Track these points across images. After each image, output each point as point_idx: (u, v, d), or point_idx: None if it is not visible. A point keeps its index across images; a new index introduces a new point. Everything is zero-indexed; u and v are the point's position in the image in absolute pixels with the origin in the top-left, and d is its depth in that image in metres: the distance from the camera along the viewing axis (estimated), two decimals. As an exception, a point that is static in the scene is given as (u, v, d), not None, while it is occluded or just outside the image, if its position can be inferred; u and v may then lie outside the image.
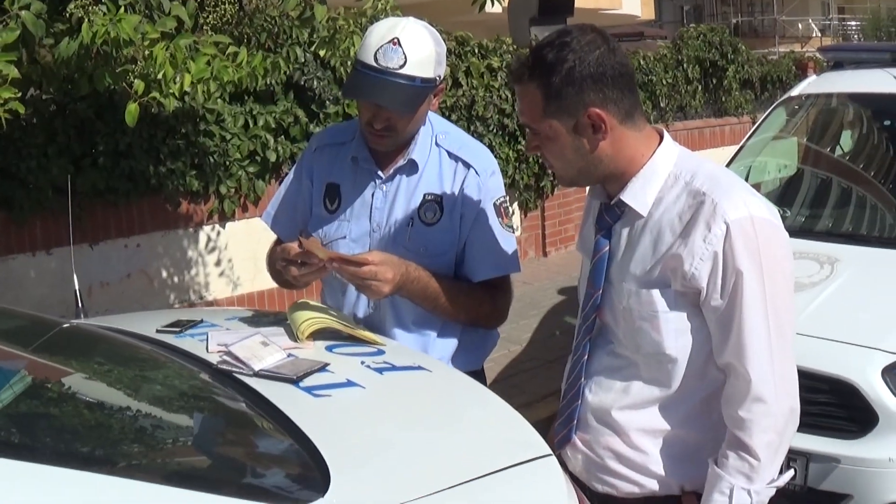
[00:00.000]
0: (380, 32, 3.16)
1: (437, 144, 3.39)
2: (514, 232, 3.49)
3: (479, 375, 3.48)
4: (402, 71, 3.13)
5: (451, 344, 3.44)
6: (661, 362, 2.64)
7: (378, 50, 3.13)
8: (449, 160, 3.38)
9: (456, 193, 3.35)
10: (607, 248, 2.73)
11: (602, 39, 2.56)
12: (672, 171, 2.63)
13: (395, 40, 3.13)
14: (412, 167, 3.36)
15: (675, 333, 2.60)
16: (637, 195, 2.64)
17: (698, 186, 2.57)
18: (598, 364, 2.81)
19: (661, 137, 2.70)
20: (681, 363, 2.62)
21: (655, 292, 2.60)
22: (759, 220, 2.52)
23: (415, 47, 3.15)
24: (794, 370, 2.60)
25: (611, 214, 2.73)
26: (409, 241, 3.33)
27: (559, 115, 2.57)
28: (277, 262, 3.29)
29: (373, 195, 3.39)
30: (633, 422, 2.71)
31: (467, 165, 3.36)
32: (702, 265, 2.51)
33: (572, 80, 2.52)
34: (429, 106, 3.31)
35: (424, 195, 3.36)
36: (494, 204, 3.39)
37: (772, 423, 2.53)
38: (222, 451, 2.73)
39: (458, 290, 3.36)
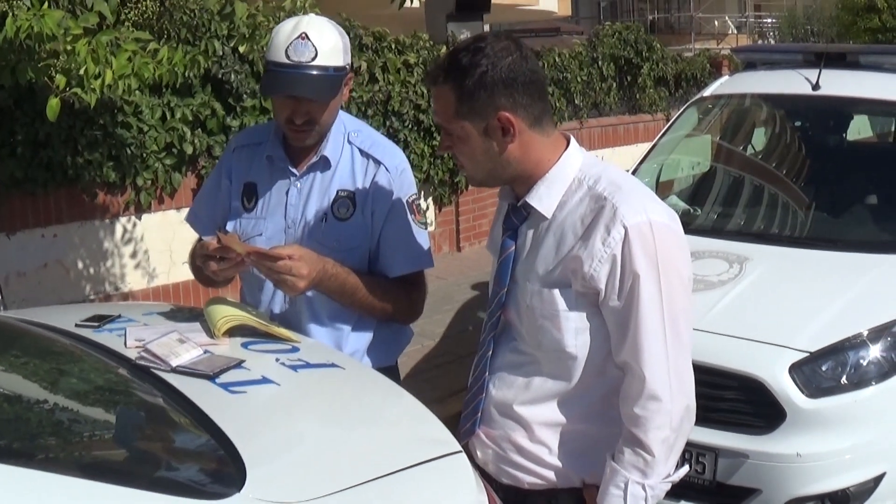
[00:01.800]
0: (286, 31, 3.25)
1: (349, 142, 3.46)
2: (426, 228, 3.56)
3: (392, 371, 3.55)
4: (315, 63, 3.22)
5: (365, 338, 3.50)
6: (561, 359, 2.72)
7: (288, 47, 3.21)
8: (361, 157, 3.45)
9: (367, 190, 3.42)
10: (513, 248, 2.82)
11: (515, 47, 2.66)
12: (577, 176, 2.72)
13: (304, 35, 3.22)
14: (325, 164, 3.42)
15: (575, 332, 2.68)
16: (542, 198, 2.73)
17: (600, 191, 2.66)
18: (501, 360, 2.89)
19: (568, 143, 2.78)
20: (580, 360, 2.70)
21: (556, 292, 2.68)
22: (657, 224, 2.61)
23: (323, 39, 3.25)
24: (689, 369, 2.70)
25: (517, 216, 2.82)
26: (322, 236, 3.39)
27: (471, 117, 2.66)
28: (197, 259, 3.33)
29: (287, 192, 3.45)
30: (535, 416, 2.79)
31: (378, 163, 3.43)
32: (601, 267, 2.60)
33: (484, 84, 2.61)
34: (342, 96, 3.39)
35: (338, 191, 3.42)
36: (406, 201, 3.46)
37: (666, 420, 2.62)
38: (141, 445, 2.74)
39: (375, 285, 3.41)
